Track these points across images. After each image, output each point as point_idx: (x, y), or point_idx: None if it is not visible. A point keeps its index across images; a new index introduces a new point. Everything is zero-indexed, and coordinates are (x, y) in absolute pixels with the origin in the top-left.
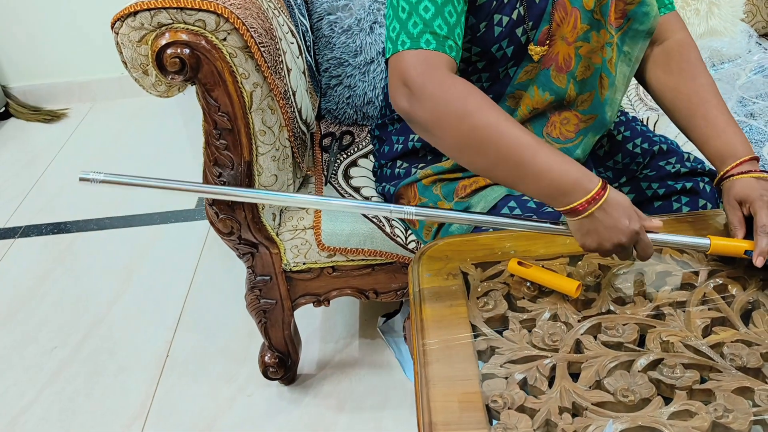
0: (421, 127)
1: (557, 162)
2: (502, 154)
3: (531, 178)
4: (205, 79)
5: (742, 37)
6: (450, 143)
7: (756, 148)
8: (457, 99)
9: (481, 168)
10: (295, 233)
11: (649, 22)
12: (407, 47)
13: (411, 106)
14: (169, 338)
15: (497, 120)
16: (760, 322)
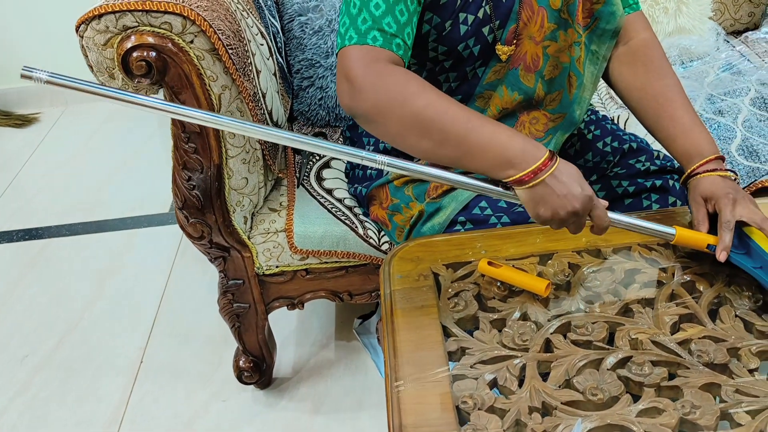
0: (364, 119)
1: (502, 133)
2: (446, 133)
3: (477, 151)
4: (172, 83)
5: (710, 35)
6: (393, 130)
7: (724, 144)
8: (396, 85)
9: (426, 150)
10: (267, 236)
11: (615, 21)
12: (353, 42)
13: (352, 100)
14: (143, 344)
15: (438, 100)
16: (726, 318)
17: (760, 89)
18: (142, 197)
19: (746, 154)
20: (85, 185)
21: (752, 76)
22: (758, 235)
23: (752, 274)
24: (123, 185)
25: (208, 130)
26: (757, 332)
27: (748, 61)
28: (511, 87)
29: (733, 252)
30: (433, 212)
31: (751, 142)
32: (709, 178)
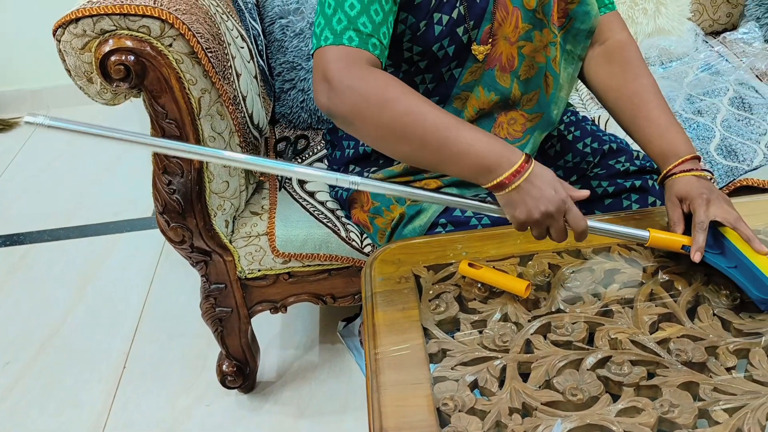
0: (343, 121)
1: (481, 139)
2: (425, 138)
3: (456, 157)
4: (151, 86)
5: (689, 35)
6: (373, 133)
7: (703, 144)
8: (376, 89)
9: (406, 154)
10: (249, 240)
11: (590, 21)
12: (329, 43)
13: (330, 101)
14: (126, 349)
15: (418, 105)
16: (704, 316)
17: (738, 89)
18: (124, 201)
19: (725, 153)
20: (67, 190)
21: (730, 76)
22: (733, 234)
23: (727, 273)
24: (105, 190)
25: (187, 132)
26: (734, 330)
27: (727, 61)
28: (488, 87)
29: (708, 252)
30: (414, 215)
31: (730, 141)
32: (684, 179)
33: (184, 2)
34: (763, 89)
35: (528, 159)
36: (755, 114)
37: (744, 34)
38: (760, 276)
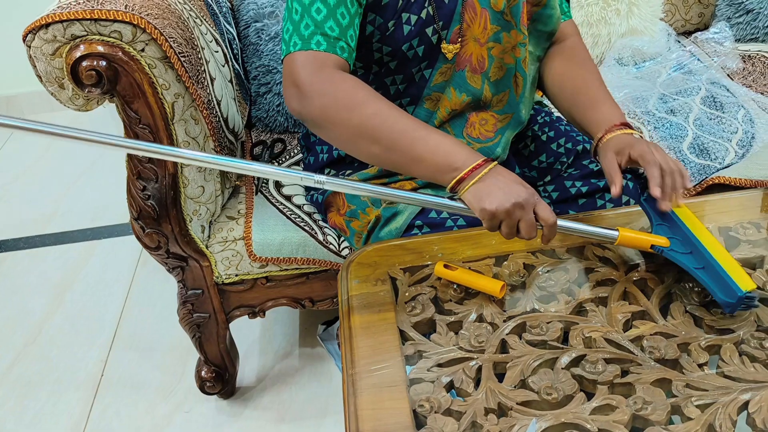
0: (313, 124)
1: (446, 142)
2: (394, 139)
3: (424, 158)
4: (124, 92)
5: (661, 35)
6: (343, 136)
7: (676, 143)
8: (345, 92)
9: (375, 156)
10: (226, 245)
11: (552, 24)
12: (298, 48)
13: (301, 105)
14: (103, 357)
15: (386, 109)
16: (677, 314)
17: (710, 88)
18: (101, 208)
19: (697, 152)
20: (43, 197)
21: (702, 76)
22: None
23: (693, 274)
24: (81, 196)
25: (161, 138)
26: (706, 327)
27: (699, 60)
28: (459, 88)
29: (676, 252)
30: (390, 217)
31: (702, 140)
32: (619, 136)
33: (157, 7)
34: (734, 88)
35: (491, 159)
36: (727, 113)
37: (715, 34)
38: (726, 278)
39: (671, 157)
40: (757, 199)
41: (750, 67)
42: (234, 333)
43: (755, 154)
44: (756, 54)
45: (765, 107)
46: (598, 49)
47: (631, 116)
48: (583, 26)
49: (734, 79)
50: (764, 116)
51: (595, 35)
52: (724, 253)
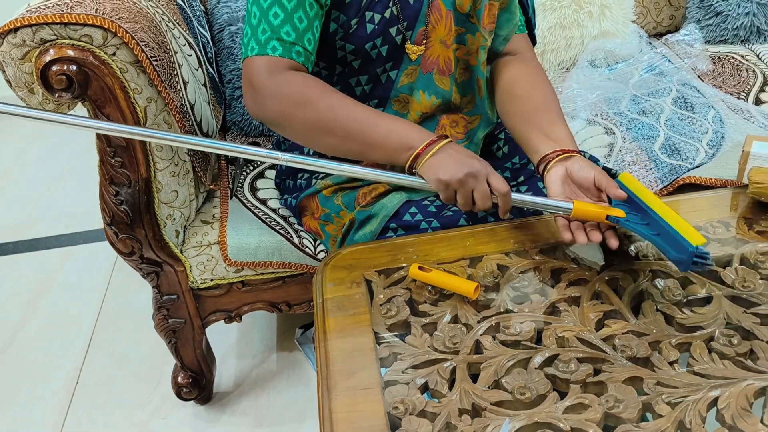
0: (270, 123)
1: (399, 123)
2: (348, 129)
3: (379, 142)
4: (95, 96)
5: (633, 37)
6: (300, 132)
7: (648, 143)
8: (297, 91)
9: (333, 147)
10: (200, 249)
11: (508, 28)
12: (255, 53)
13: (257, 107)
14: (79, 364)
15: (337, 101)
16: (648, 312)
17: (681, 89)
18: (76, 213)
19: (669, 152)
20: (16, 203)
21: (673, 77)
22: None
23: (651, 240)
24: (56, 202)
25: (134, 143)
26: (677, 325)
27: (669, 62)
28: (428, 91)
29: (635, 223)
30: (364, 220)
31: (674, 140)
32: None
33: (128, 11)
34: (704, 89)
35: (445, 137)
36: (697, 113)
37: (685, 36)
38: (678, 238)
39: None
40: (726, 198)
41: (720, 69)
42: (211, 338)
43: (725, 153)
44: (725, 55)
45: (734, 108)
46: (571, 51)
47: (604, 117)
48: (556, 29)
49: (704, 80)
50: (734, 116)
51: (568, 37)
52: (674, 215)
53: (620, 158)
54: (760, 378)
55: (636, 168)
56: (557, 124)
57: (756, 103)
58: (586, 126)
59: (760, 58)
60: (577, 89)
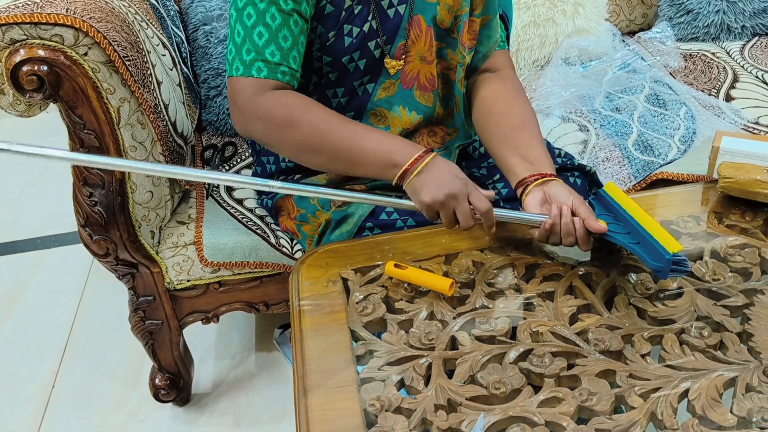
0: (258, 142)
1: (384, 140)
2: (335, 148)
3: (365, 160)
4: (67, 97)
5: (607, 35)
6: (288, 152)
7: (621, 140)
8: (281, 114)
9: (322, 164)
10: (176, 250)
11: (488, 44)
12: (240, 74)
13: (244, 128)
14: (54, 368)
15: (322, 121)
16: (621, 306)
17: (653, 86)
18: (51, 216)
19: (642, 148)
20: None
21: (646, 74)
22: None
23: (631, 250)
24: (31, 205)
25: (107, 143)
26: (649, 318)
27: (642, 59)
28: (409, 107)
29: (615, 233)
30: (340, 220)
31: (646, 137)
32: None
33: (100, 10)
34: (676, 86)
35: (429, 151)
36: (669, 110)
37: (657, 33)
38: (656, 245)
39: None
40: (697, 193)
41: (691, 66)
42: (189, 339)
43: (696, 149)
44: (696, 53)
45: (705, 104)
46: (545, 49)
47: (578, 114)
48: (530, 27)
49: (676, 77)
50: (704, 113)
51: (542, 36)
52: (652, 222)
53: (594, 155)
54: (729, 369)
55: (609, 164)
56: (534, 145)
57: (726, 99)
58: (561, 123)
59: (730, 55)
60: (551, 87)
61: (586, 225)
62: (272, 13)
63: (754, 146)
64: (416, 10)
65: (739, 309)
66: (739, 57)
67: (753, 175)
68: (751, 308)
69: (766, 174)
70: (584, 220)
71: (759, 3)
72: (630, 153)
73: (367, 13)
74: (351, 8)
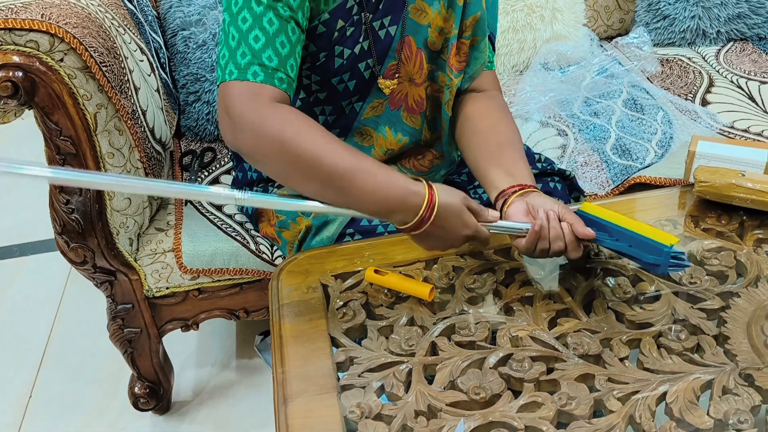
0: (248, 157)
1: (379, 182)
2: (325, 181)
3: (358, 201)
4: (42, 103)
5: (584, 40)
6: (275, 171)
7: (600, 144)
8: (275, 128)
9: (311, 192)
10: (155, 257)
11: (476, 66)
12: (234, 78)
13: (234, 138)
14: (32, 378)
15: (315, 146)
16: (599, 310)
17: (631, 91)
18: (27, 223)
19: (620, 152)
20: None
21: (624, 79)
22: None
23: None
24: (7, 212)
25: (84, 149)
26: (627, 322)
27: (620, 64)
28: (395, 128)
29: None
30: (320, 226)
31: (624, 141)
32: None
33: (76, 16)
34: (653, 90)
35: (431, 197)
36: (647, 114)
37: (634, 39)
38: (650, 242)
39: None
40: (674, 197)
41: (668, 70)
42: (169, 346)
43: (673, 153)
44: (673, 57)
45: (682, 108)
46: (524, 54)
47: (557, 119)
48: (509, 32)
49: (653, 81)
50: (681, 117)
51: (521, 41)
52: (640, 224)
53: (573, 159)
54: (706, 372)
55: (588, 169)
56: (519, 162)
57: (702, 104)
58: (540, 128)
59: (706, 60)
60: (530, 92)
61: (574, 230)
62: (270, 17)
63: (729, 150)
64: (408, 32)
65: (715, 312)
66: (715, 62)
67: (728, 179)
68: (727, 311)
69: (741, 178)
70: (572, 225)
71: (733, 9)
72: (608, 157)
73: (359, 34)
74: (344, 29)
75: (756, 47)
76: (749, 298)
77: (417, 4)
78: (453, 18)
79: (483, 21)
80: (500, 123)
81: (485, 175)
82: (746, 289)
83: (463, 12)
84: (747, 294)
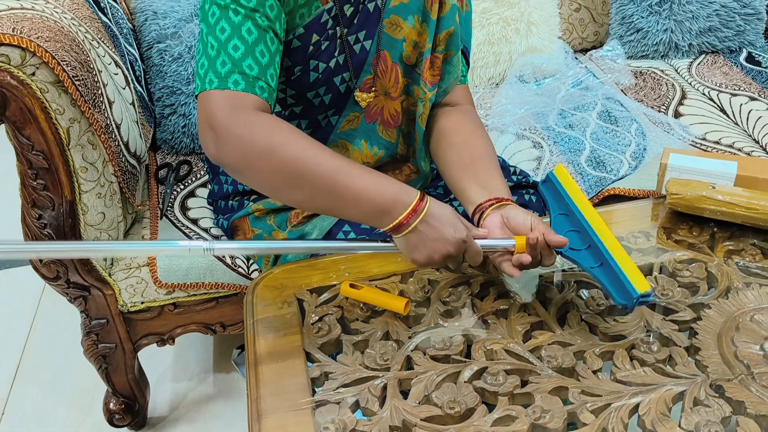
0: (232, 170)
1: (372, 182)
2: (316, 186)
3: (350, 203)
4: (14, 117)
5: (559, 53)
6: (264, 183)
7: (575, 156)
8: (262, 137)
9: (300, 201)
10: (130, 272)
11: (450, 80)
12: (214, 87)
13: (218, 151)
14: (4, 394)
15: (304, 152)
16: (573, 322)
17: (605, 103)
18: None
19: (594, 164)
20: None
21: (598, 91)
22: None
23: (590, 273)
24: None
25: (57, 164)
26: (600, 334)
27: (594, 77)
28: (371, 142)
29: (573, 250)
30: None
31: (599, 153)
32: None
33: (48, 29)
34: (627, 103)
35: (423, 197)
36: (621, 126)
37: (609, 51)
38: (622, 279)
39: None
40: (647, 209)
41: (641, 83)
42: (145, 361)
43: (647, 165)
44: (647, 70)
45: (655, 120)
46: (500, 67)
47: (532, 131)
48: (485, 45)
49: (627, 94)
50: (655, 129)
51: (496, 53)
52: (621, 251)
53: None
54: (677, 383)
55: None
56: (493, 175)
57: (675, 116)
58: (515, 140)
59: (679, 73)
60: (506, 104)
61: (546, 240)
62: (248, 27)
63: (700, 163)
64: (383, 46)
65: (686, 323)
66: (687, 74)
67: (699, 192)
68: (698, 322)
69: (712, 190)
70: (544, 235)
71: (704, 22)
72: (583, 169)
73: (334, 48)
74: (318, 44)
75: (727, 60)
76: (720, 309)
77: (392, 19)
78: (427, 32)
79: (456, 35)
80: (474, 136)
81: (461, 190)
82: (717, 300)
83: (437, 26)
84: (718, 305)
